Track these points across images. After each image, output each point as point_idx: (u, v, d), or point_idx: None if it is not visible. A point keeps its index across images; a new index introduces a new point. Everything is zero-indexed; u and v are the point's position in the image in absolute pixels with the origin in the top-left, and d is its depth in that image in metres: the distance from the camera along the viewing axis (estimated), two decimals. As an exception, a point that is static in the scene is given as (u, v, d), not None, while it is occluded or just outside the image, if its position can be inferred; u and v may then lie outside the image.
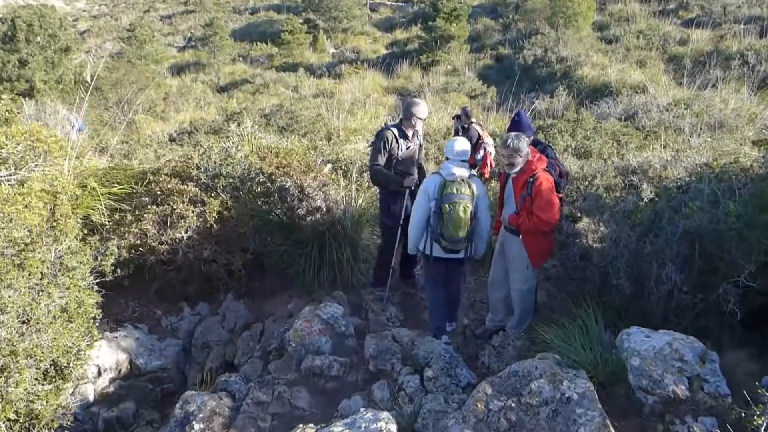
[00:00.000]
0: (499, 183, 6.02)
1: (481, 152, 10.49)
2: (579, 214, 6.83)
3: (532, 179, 5.31)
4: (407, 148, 6.65)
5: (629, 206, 5.91)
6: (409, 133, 6.68)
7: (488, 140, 10.78)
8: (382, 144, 6.55)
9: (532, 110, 18.98)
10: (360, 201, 7.46)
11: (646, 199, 6.57)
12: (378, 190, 7.02)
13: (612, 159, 11.67)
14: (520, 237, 5.53)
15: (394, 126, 6.72)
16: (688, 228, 4.89)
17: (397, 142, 6.56)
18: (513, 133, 5.51)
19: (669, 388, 3.71)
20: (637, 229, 5.30)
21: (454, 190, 5.60)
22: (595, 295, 5.16)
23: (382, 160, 6.57)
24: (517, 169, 5.44)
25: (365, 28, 40.90)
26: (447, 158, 5.84)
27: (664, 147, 11.86)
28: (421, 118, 6.68)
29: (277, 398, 4.73)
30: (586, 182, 9.64)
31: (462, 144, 5.85)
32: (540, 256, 5.63)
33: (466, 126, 11.06)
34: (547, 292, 6.38)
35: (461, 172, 5.67)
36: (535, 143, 6.07)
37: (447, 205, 5.56)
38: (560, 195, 5.53)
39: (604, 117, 16.92)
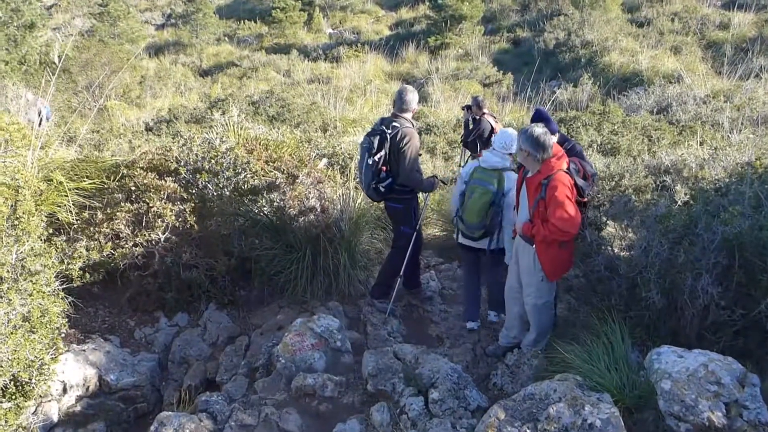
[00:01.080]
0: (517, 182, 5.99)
1: None
2: (605, 219, 6.81)
3: (546, 181, 5.23)
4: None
5: (661, 210, 5.90)
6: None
7: None
8: (417, 143, 6.51)
9: (553, 101, 19.00)
10: (359, 200, 7.47)
11: (680, 202, 6.58)
12: (391, 202, 6.91)
13: (642, 156, 11.69)
14: (534, 246, 5.49)
15: (407, 121, 6.60)
16: (727, 235, 4.88)
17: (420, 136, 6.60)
18: (539, 127, 5.40)
19: (704, 414, 3.71)
20: (670, 236, 5.29)
21: (479, 177, 6.26)
22: (621, 310, 5.16)
23: (418, 162, 6.57)
24: (533, 167, 5.40)
25: (367, 6, 40.97)
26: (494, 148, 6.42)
27: (701, 144, 11.88)
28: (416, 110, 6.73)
29: (264, 421, 4.73)
30: (613, 182, 9.64)
31: (504, 135, 6.42)
32: (556, 269, 5.55)
33: (477, 117, 11.06)
34: (568, 306, 6.39)
35: (494, 162, 6.24)
36: (561, 141, 6.10)
37: (469, 190, 6.28)
38: (585, 200, 5.52)
39: (633, 109, 16.97)
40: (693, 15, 27.10)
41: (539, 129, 5.28)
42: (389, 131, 6.43)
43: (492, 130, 10.66)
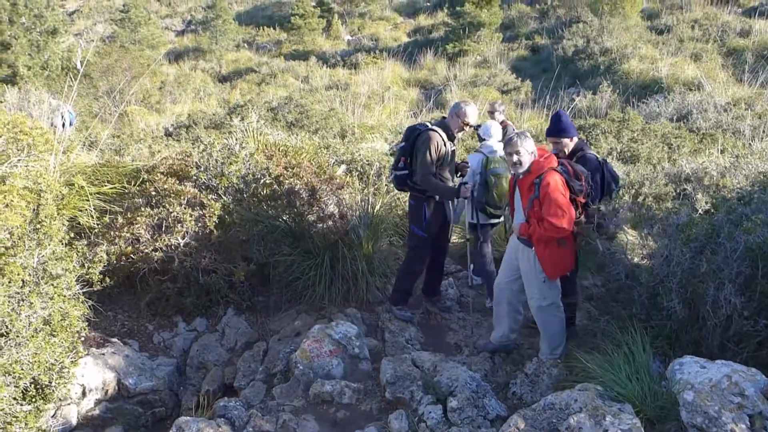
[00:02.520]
0: (509, 187, 6.12)
1: None
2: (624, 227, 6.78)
3: (538, 180, 5.38)
4: (452, 151, 6.64)
5: (682, 219, 5.85)
6: (457, 135, 6.66)
7: None
8: (432, 147, 6.45)
9: (572, 108, 18.94)
10: (377, 207, 7.46)
11: (701, 211, 6.52)
12: (408, 197, 6.90)
13: (662, 164, 11.61)
14: (533, 248, 5.54)
15: (438, 125, 6.61)
16: (750, 245, 4.83)
17: (444, 145, 6.51)
18: (516, 132, 5.70)
19: (727, 426, 3.66)
20: (692, 245, 5.24)
21: (498, 165, 6.94)
22: (642, 319, 5.12)
23: (432, 165, 6.48)
24: (524, 169, 5.52)
25: (385, 12, 41.02)
26: (484, 139, 7.41)
27: (722, 152, 11.78)
28: (466, 122, 6.58)
29: (282, 427, 4.72)
30: (633, 190, 9.58)
31: (497, 126, 7.58)
32: (556, 268, 5.60)
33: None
34: (588, 315, 6.35)
35: (500, 149, 6.83)
36: (577, 148, 6.14)
37: (492, 178, 6.92)
38: (580, 198, 5.55)
39: (653, 117, 16.87)
40: (713, 22, 26.90)
41: (516, 133, 5.62)
42: (420, 128, 6.56)
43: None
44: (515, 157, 5.50)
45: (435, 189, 6.54)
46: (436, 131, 6.44)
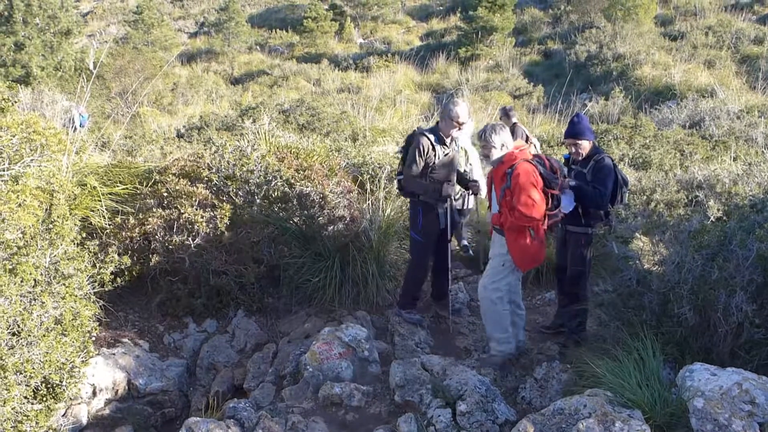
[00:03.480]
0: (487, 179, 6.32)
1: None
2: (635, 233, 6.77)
3: (510, 170, 5.52)
4: (444, 155, 6.62)
5: (694, 225, 5.84)
6: (448, 138, 6.64)
7: (535, 141, 11.00)
8: (417, 151, 6.50)
9: (585, 114, 18.90)
10: (388, 210, 7.46)
11: (713, 218, 6.50)
12: (408, 201, 6.99)
13: (674, 171, 11.59)
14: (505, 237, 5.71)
15: (429, 130, 6.67)
16: (762, 252, 4.81)
17: (433, 148, 6.52)
18: (490, 124, 5.86)
19: (737, 434, 3.65)
20: (704, 252, 5.22)
21: None
22: (653, 326, 5.09)
23: (417, 168, 6.52)
24: (494, 159, 5.71)
25: (398, 16, 41.10)
26: None
27: (735, 159, 11.75)
28: (459, 122, 6.59)
29: (291, 429, 4.73)
30: (645, 197, 9.56)
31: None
32: (524, 260, 5.77)
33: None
34: (598, 320, 6.34)
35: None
36: (593, 152, 6.21)
37: None
38: (556, 191, 5.68)
39: (665, 123, 16.84)
40: (727, 29, 26.82)
41: (489, 125, 5.77)
42: (415, 133, 6.71)
43: (527, 138, 10.65)
44: (484, 150, 5.75)
45: (417, 188, 6.61)
46: (425, 135, 6.53)
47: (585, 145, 6.19)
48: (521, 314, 6.15)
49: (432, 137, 6.54)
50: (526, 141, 10.59)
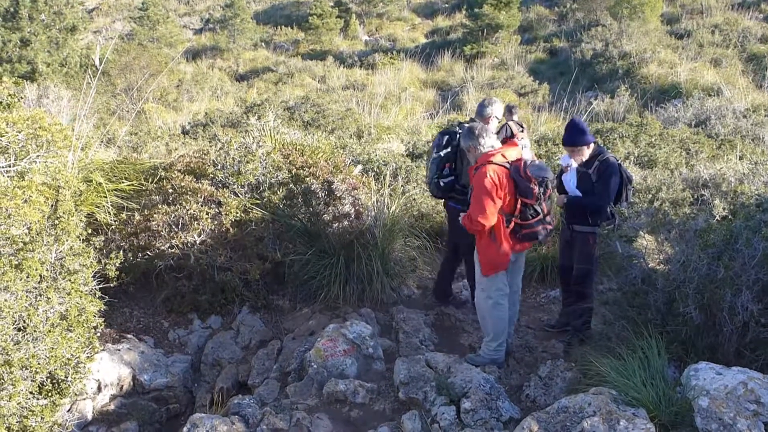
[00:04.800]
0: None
1: None
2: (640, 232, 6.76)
3: (476, 170, 5.49)
4: None
5: (700, 224, 5.83)
6: None
7: (525, 142, 11.11)
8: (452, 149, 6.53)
9: (590, 112, 18.88)
10: (393, 207, 7.46)
11: (718, 217, 6.49)
12: (459, 196, 6.89)
13: (680, 170, 11.55)
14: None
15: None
16: (768, 251, 4.82)
17: None
18: (468, 126, 5.88)
19: (742, 433, 3.65)
20: (709, 251, 5.21)
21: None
22: (658, 324, 5.09)
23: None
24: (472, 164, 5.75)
25: (403, 13, 41.00)
26: None
27: (741, 158, 11.72)
28: (497, 117, 6.77)
29: (295, 425, 4.74)
30: (650, 195, 9.54)
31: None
32: (487, 264, 5.66)
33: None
34: (604, 319, 6.33)
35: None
36: (596, 152, 6.20)
37: None
38: (528, 201, 5.49)
39: (671, 122, 16.81)
40: (734, 27, 26.75)
41: (473, 124, 5.84)
42: (460, 131, 6.46)
43: (512, 137, 10.80)
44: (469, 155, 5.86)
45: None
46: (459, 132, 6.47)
47: (585, 150, 6.19)
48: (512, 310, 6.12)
49: None
50: (510, 139, 10.72)
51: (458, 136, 6.47)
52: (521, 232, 5.55)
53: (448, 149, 6.58)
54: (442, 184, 6.58)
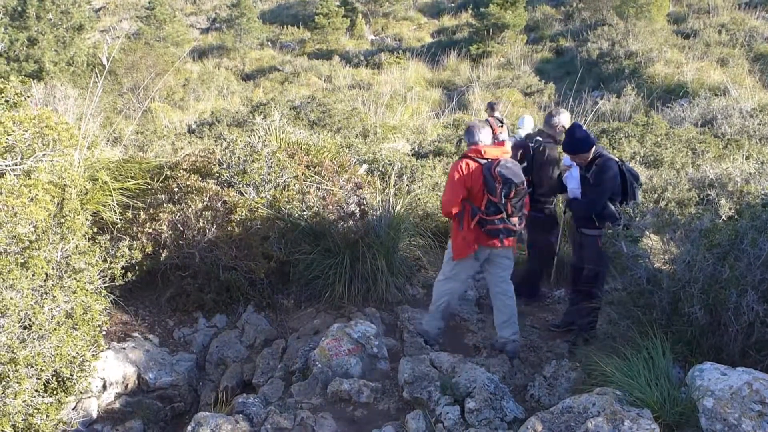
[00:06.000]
0: None
1: None
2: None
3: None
4: None
5: (705, 224, 5.81)
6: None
7: (505, 136, 11.74)
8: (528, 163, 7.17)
9: (596, 111, 18.82)
10: (398, 207, 7.46)
11: (724, 217, 6.46)
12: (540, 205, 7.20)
13: (686, 170, 11.53)
14: None
15: (549, 140, 7.18)
16: (773, 252, 4.79)
17: None
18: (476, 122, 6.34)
19: (747, 434, 3.64)
20: (715, 251, 5.19)
21: None
22: (663, 324, 5.07)
23: None
24: None
25: (409, 13, 40.97)
26: (520, 128, 9.77)
27: (747, 158, 11.68)
28: (564, 126, 7.10)
29: (300, 425, 4.74)
30: (656, 195, 9.52)
31: (529, 118, 10.26)
32: (455, 249, 6.12)
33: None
34: (608, 319, 6.32)
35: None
36: (596, 155, 6.23)
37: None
38: (493, 198, 5.83)
39: (677, 122, 16.75)
40: (741, 27, 26.64)
41: (473, 122, 6.38)
42: (532, 144, 7.05)
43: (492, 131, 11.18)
44: None
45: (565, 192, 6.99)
46: (551, 142, 7.12)
47: (585, 156, 6.19)
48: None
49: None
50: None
51: (532, 149, 7.00)
52: (486, 227, 5.92)
53: (524, 164, 6.96)
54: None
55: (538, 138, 7.18)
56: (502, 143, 6.25)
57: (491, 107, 12.40)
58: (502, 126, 11.85)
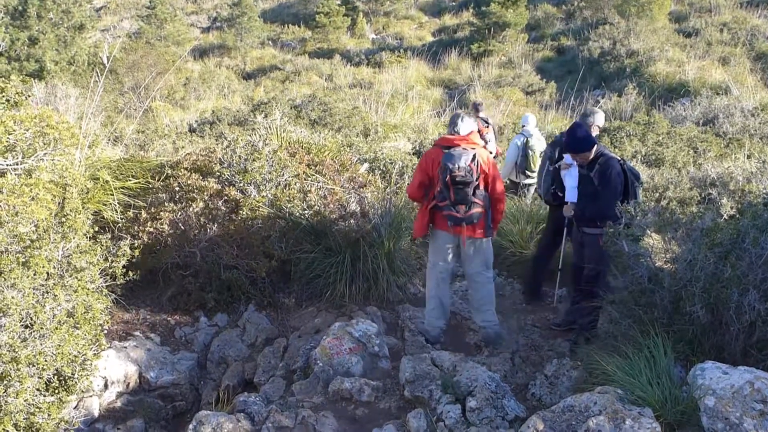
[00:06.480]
0: None
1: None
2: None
3: None
4: None
5: (707, 223, 5.81)
6: None
7: (489, 136, 11.95)
8: None
9: (599, 108, 18.81)
10: (399, 206, 7.47)
11: (726, 216, 6.46)
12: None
13: (687, 168, 11.53)
14: None
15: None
16: (775, 251, 4.79)
17: None
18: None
19: (748, 433, 3.64)
20: (716, 250, 5.19)
21: (534, 143, 10.43)
22: (664, 324, 5.07)
23: None
24: None
25: (410, 11, 40.94)
26: (524, 125, 10.62)
27: (749, 157, 11.69)
28: (599, 126, 7.27)
29: (301, 423, 4.74)
30: (657, 194, 9.52)
31: (533, 116, 10.89)
32: (414, 228, 6.55)
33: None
34: (609, 317, 6.33)
35: (536, 133, 10.67)
36: (598, 154, 6.24)
37: (530, 151, 10.38)
38: (440, 185, 6.12)
39: (679, 120, 16.75)
40: (742, 26, 26.62)
41: (458, 111, 6.70)
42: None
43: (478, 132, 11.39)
44: None
45: None
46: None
47: (587, 155, 6.20)
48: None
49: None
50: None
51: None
52: (439, 212, 6.23)
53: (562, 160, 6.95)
54: (560, 194, 6.91)
55: None
56: (466, 136, 6.27)
57: (476, 108, 12.54)
58: (488, 126, 12.00)
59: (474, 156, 6.04)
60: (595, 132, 7.08)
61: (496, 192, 6.29)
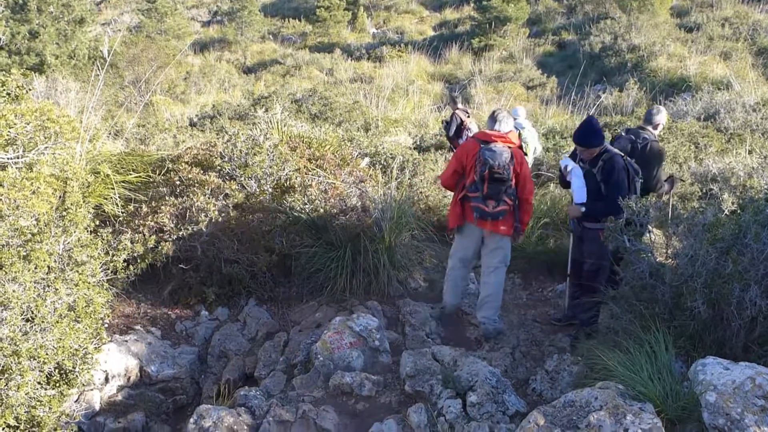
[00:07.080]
0: None
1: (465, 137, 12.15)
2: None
3: None
4: None
5: (708, 219, 5.80)
6: None
7: (473, 126, 12.30)
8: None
9: (598, 105, 18.82)
10: (400, 200, 7.46)
11: (727, 211, 6.46)
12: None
13: (688, 164, 11.51)
14: None
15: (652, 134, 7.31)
16: (777, 246, 4.78)
17: None
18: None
19: (750, 429, 3.63)
20: (717, 245, 5.18)
21: (527, 135, 10.76)
22: (665, 319, 5.07)
23: None
24: None
25: (411, 6, 40.93)
26: (515, 118, 9.65)
27: (750, 152, 11.65)
28: (663, 124, 7.53)
29: (302, 417, 4.74)
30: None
31: (522, 109, 11.54)
32: (448, 218, 6.77)
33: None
34: (611, 313, 6.33)
35: (528, 125, 11.13)
36: (603, 150, 6.23)
37: (524, 143, 9.87)
38: (475, 177, 6.22)
39: (680, 115, 16.71)
40: (744, 20, 26.58)
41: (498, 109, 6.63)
42: (639, 141, 7.11)
43: (462, 123, 12.18)
44: None
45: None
46: (656, 141, 7.26)
47: (594, 150, 6.18)
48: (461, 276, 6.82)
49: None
50: (461, 125, 12.19)
51: (639, 146, 7.07)
52: (468, 204, 6.35)
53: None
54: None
55: (645, 136, 7.16)
56: (506, 134, 6.31)
57: (453, 101, 12.77)
58: (468, 117, 12.37)
59: (512, 155, 6.19)
60: (658, 130, 7.32)
61: (525, 191, 6.38)
